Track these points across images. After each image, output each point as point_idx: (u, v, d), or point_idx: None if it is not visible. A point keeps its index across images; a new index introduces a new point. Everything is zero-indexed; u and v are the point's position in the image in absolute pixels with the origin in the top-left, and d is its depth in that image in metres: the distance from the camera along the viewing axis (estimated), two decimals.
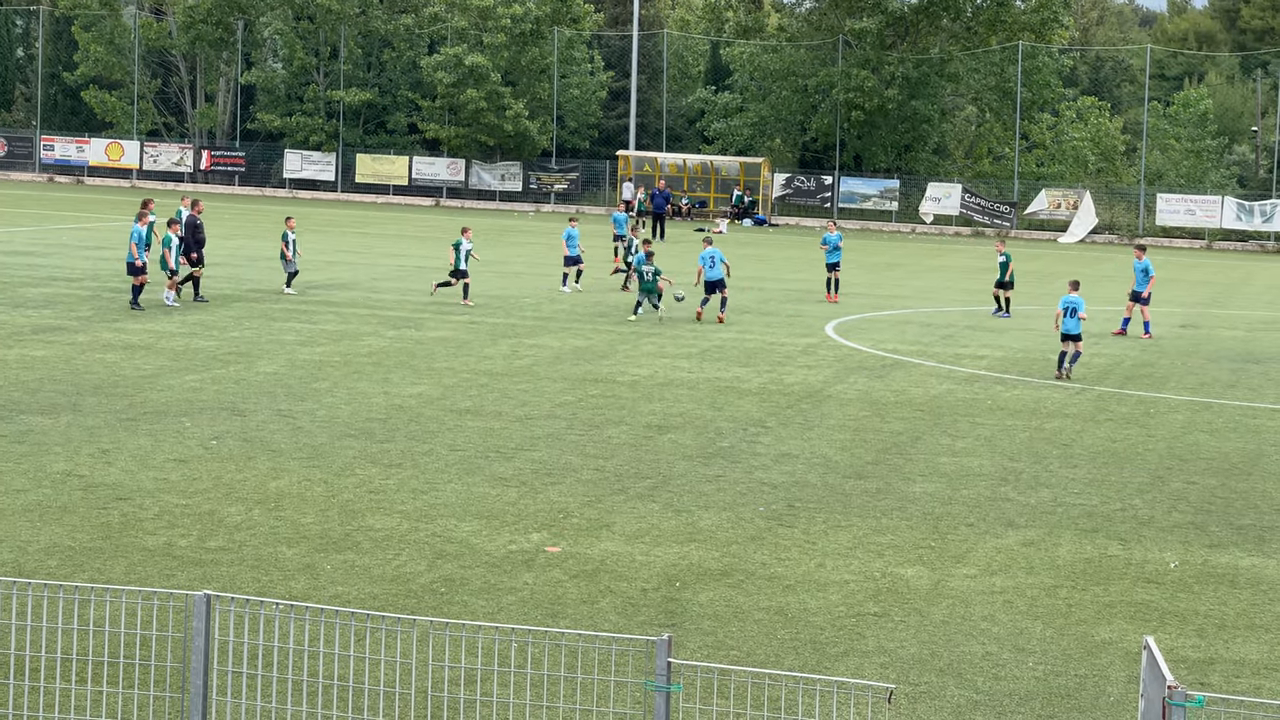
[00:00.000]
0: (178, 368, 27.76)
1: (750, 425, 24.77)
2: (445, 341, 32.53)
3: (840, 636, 14.59)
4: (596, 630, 14.24)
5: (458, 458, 21.38)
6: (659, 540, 17.61)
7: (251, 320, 34.50)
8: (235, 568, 15.82)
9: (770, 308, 41.83)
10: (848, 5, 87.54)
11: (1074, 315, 30.90)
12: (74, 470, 19.60)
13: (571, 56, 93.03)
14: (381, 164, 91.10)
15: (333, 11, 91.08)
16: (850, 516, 19.10)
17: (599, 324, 36.63)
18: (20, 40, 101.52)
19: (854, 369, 31.28)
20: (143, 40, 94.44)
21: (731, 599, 15.56)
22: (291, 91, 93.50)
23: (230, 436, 22.06)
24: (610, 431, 23.74)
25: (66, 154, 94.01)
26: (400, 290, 42.01)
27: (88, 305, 35.64)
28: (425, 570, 16.07)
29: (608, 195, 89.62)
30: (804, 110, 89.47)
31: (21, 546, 16.20)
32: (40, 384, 25.45)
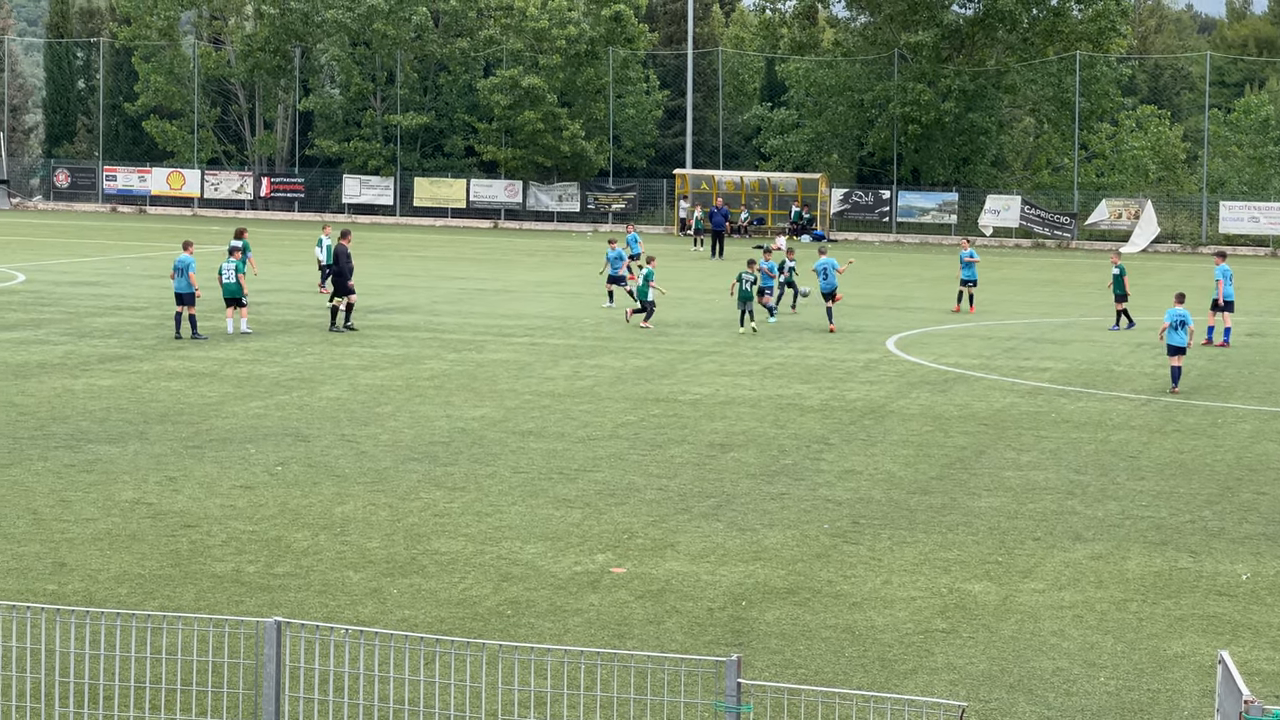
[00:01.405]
0: (242, 394, 27.93)
1: (813, 442, 24.71)
2: (506, 364, 32.61)
3: (908, 654, 14.52)
4: (664, 651, 14.23)
5: (521, 480, 21.42)
6: (724, 559, 17.58)
7: (313, 346, 34.68)
8: (303, 593, 15.88)
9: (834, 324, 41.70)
10: (903, 19, 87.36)
11: (1181, 328, 30.57)
12: (142, 498, 19.73)
13: (627, 76, 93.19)
14: (439, 187, 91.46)
15: (389, 37, 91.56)
16: (916, 532, 19.02)
17: (659, 343, 36.63)
18: (82, 72, 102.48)
19: (916, 384, 31.16)
20: (202, 70, 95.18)
21: (798, 617, 15.52)
22: (349, 117, 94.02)
23: (295, 462, 22.17)
24: (673, 451, 23.72)
25: (129, 184, 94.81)
26: (461, 313, 42.15)
27: (152, 334, 35.90)
28: (491, 593, 16.09)
29: (665, 214, 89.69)
30: (860, 125, 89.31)
31: (92, 575, 16.32)
32: (107, 413, 25.65)
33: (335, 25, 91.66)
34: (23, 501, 19.39)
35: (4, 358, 31.60)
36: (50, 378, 29.24)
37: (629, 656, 13.27)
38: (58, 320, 38.09)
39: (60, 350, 32.88)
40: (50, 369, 30.33)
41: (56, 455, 22.19)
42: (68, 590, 15.74)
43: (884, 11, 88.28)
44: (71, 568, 16.57)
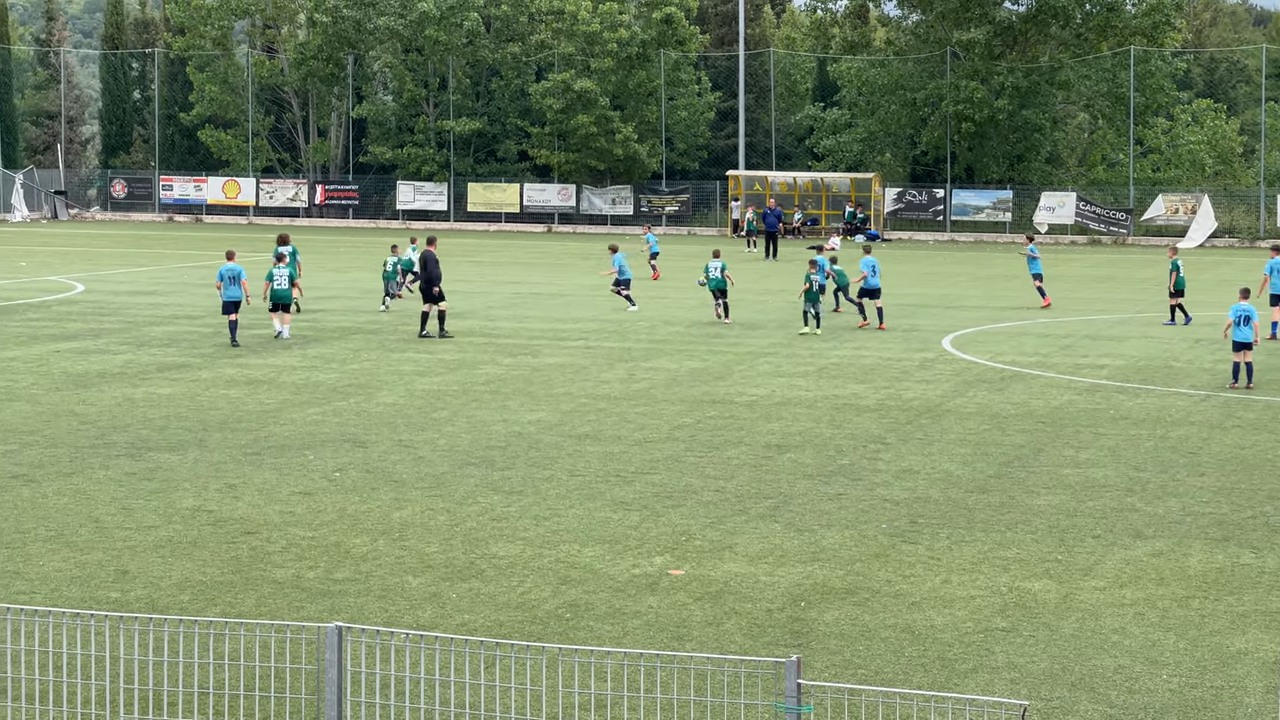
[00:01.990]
0: (299, 401, 28.07)
1: (870, 442, 24.66)
2: (562, 367, 32.66)
3: (969, 653, 14.48)
4: (723, 653, 14.23)
5: (578, 483, 21.45)
6: (782, 560, 17.57)
7: (369, 352, 34.83)
8: (363, 598, 15.95)
9: (886, 322, 41.59)
10: (955, 17, 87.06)
11: (1247, 324, 30.34)
12: (203, 505, 19.86)
13: (679, 79, 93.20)
14: (493, 192, 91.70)
15: (441, 43, 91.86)
16: (974, 531, 18.95)
17: (714, 345, 36.62)
18: (137, 83, 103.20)
19: (972, 382, 31.06)
20: (256, 78, 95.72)
21: (857, 617, 15.49)
22: (402, 123, 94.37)
23: (353, 468, 22.27)
24: (729, 452, 23.72)
25: (185, 193, 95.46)
26: (516, 318, 42.24)
27: (209, 342, 36.13)
28: (550, 596, 16.13)
29: (718, 216, 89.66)
30: (913, 124, 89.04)
31: (154, 582, 16.44)
32: (167, 421, 25.83)
33: (387, 32, 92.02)
34: (85, 510, 19.55)
35: (65, 367, 31.86)
36: (110, 387, 29.46)
37: (688, 658, 13.28)
38: (116, 330, 38.38)
39: (120, 359, 33.12)
40: (110, 378, 30.56)
41: (118, 463, 22.36)
42: (131, 597, 15.86)
43: (935, 9, 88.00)
44: (134, 575, 16.70)
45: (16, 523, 18.88)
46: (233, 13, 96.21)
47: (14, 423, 25.53)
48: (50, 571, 16.80)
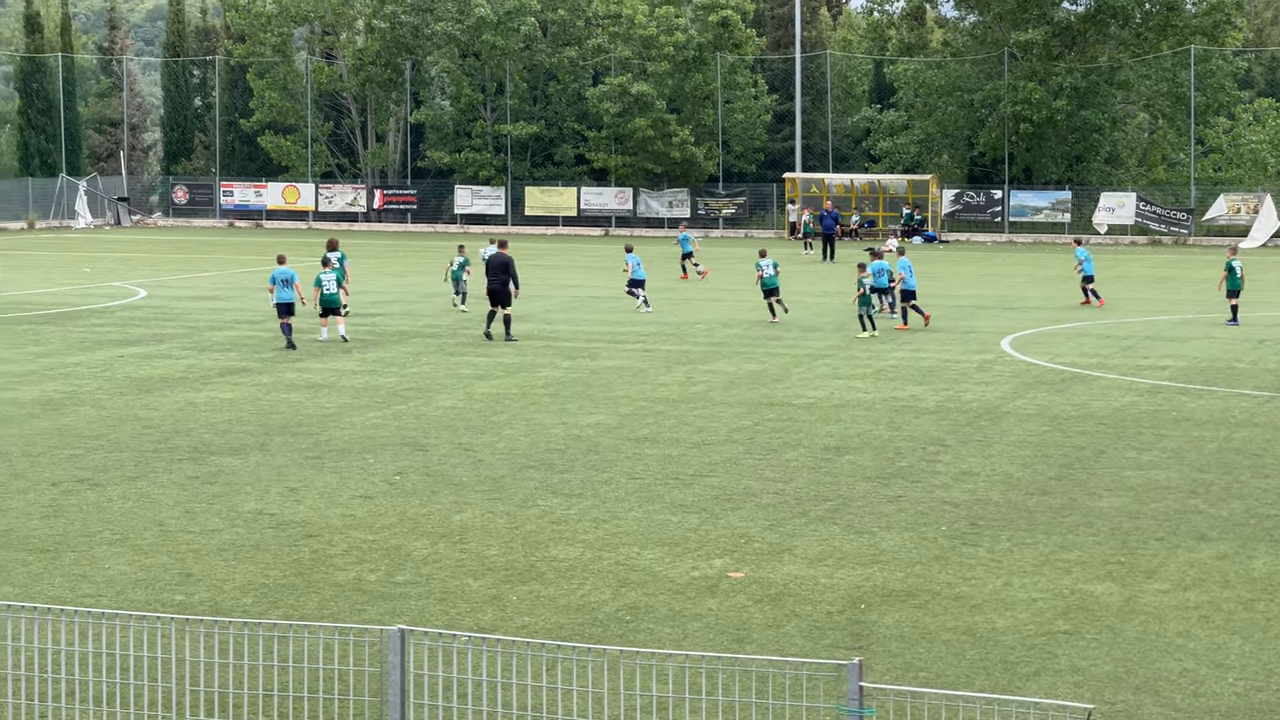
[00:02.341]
0: (359, 405, 28.20)
1: (929, 444, 24.60)
2: (620, 370, 32.70)
3: (1031, 656, 14.43)
4: (783, 655, 14.22)
5: (637, 486, 21.48)
6: (842, 562, 17.55)
7: (429, 356, 34.96)
8: (424, 601, 16.03)
9: (944, 324, 41.50)
10: (1012, 17, 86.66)
11: None
12: (265, 509, 19.99)
13: (735, 81, 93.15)
14: (550, 195, 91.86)
15: (498, 47, 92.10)
16: (1035, 533, 18.88)
17: (772, 348, 36.59)
18: (198, 90, 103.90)
19: (1032, 384, 30.92)
20: (315, 84, 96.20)
21: (918, 620, 15.46)
22: (460, 128, 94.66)
23: (413, 471, 22.37)
24: (788, 455, 23.70)
25: (245, 199, 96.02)
26: (574, 320, 42.32)
27: (270, 347, 36.34)
28: (610, 599, 16.16)
29: (775, 218, 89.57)
30: (971, 125, 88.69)
31: (218, 585, 16.56)
32: (229, 425, 26.00)
33: (445, 37, 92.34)
34: (149, 513, 19.71)
35: (128, 372, 32.11)
36: (173, 391, 29.68)
37: (749, 661, 13.28)
38: (179, 335, 38.66)
39: (182, 364, 33.36)
40: (173, 383, 30.79)
41: (181, 467, 22.53)
42: (195, 600, 15.99)
43: (993, 10, 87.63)
44: (198, 578, 16.82)
45: (83, 526, 19.05)
46: (292, 20, 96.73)
47: (79, 427, 25.77)
48: (116, 574, 16.95)
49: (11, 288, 50.38)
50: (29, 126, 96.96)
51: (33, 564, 17.34)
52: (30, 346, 36.16)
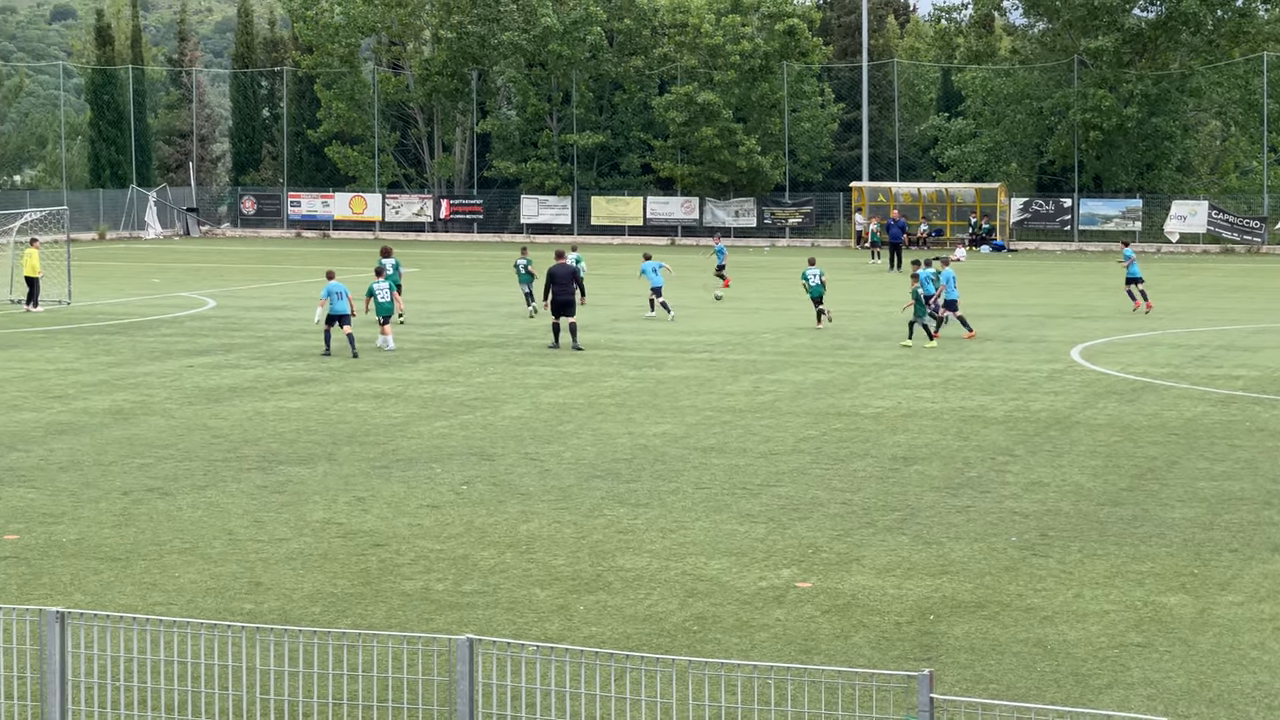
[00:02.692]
0: (426, 414, 28.28)
1: (998, 454, 24.44)
2: (687, 380, 32.67)
3: (1103, 668, 14.29)
4: (852, 666, 14.14)
5: (704, 495, 21.44)
6: (910, 573, 17.45)
7: (495, 365, 35.02)
8: (491, 610, 16.03)
9: (1013, 334, 41.27)
10: (1082, 25, 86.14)
11: None
12: (332, 518, 20.06)
13: (802, 90, 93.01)
14: (616, 205, 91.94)
15: (564, 57, 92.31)
16: (1107, 544, 18.72)
17: (839, 357, 36.48)
18: (266, 101, 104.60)
19: (1103, 394, 30.69)
20: (382, 95, 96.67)
21: (988, 631, 15.34)
22: (526, 138, 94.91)
23: (480, 481, 22.39)
24: (856, 464, 23.60)
25: (313, 209, 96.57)
26: (640, 330, 42.31)
27: (337, 357, 36.49)
28: (677, 609, 16.12)
29: (842, 227, 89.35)
30: (1040, 133, 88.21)
31: (287, 594, 16.62)
32: (297, 435, 26.12)
33: (511, 47, 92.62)
34: (219, 522, 19.81)
35: (197, 382, 32.32)
36: (241, 401, 29.85)
37: (817, 671, 13.21)
38: (247, 345, 38.89)
39: (250, 374, 33.55)
40: (241, 392, 30.96)
41: (249, 477, 22.65)
42: (264, 609, 16.05)
43: (1062, 17, 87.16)
44: (267, 587, 16.89)
45: (153, 535, 19.17)
46: (359, 30, 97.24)
47: (149, 436, 25.94)
48: (186, 583, 17.04)
49: (83, 298, 50.82)
50: (100, 138, 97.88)
51: (104, 572, 17.46)
52: (101, 356, 36.46)
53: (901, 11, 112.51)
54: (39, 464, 23.59)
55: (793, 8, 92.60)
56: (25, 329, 42.40)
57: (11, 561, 17.92)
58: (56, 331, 41.76)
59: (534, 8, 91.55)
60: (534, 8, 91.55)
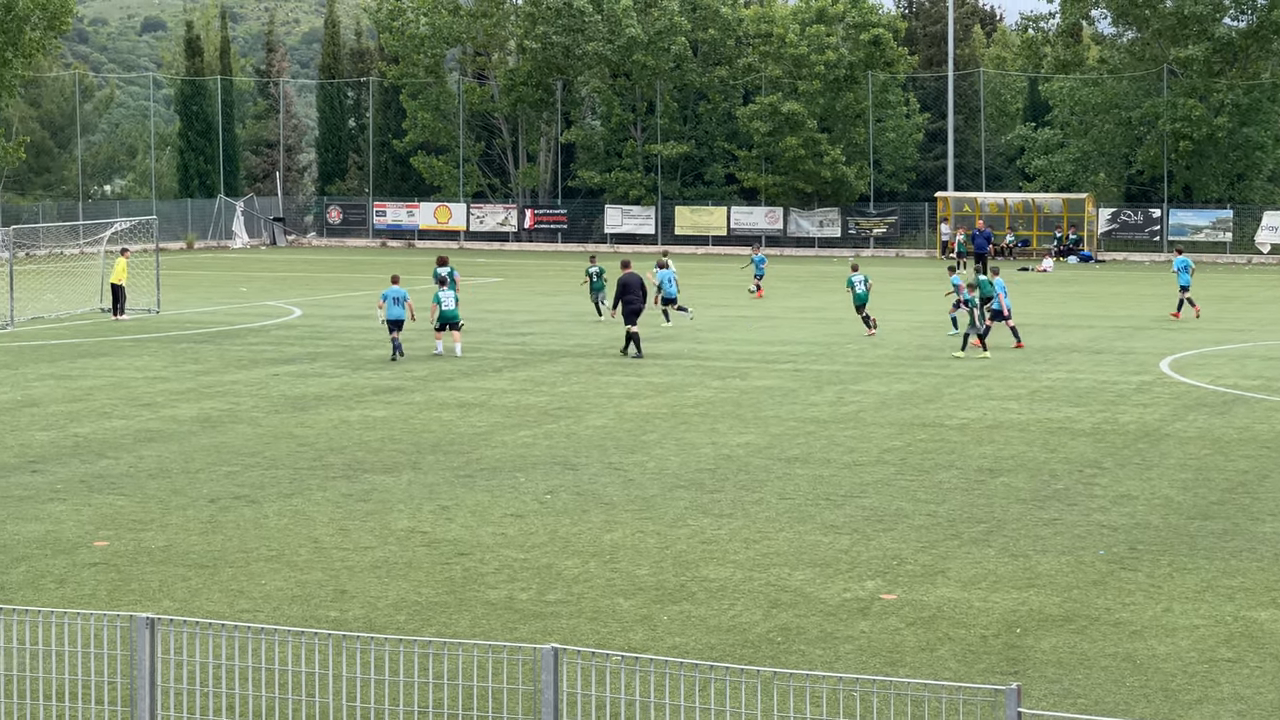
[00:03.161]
0: (510, 424, 28.35)
1: (1085, 466, 24.23)
2: (770, 390, 32.60)
3: (1193, 684, 14.13)
4: (937, 679, 14.05)
5: (788, 506, 21.38)
6: (996, 586, 17.32)
7: (579, 375, 35.08)
8: (575, 620, 16.04)
9: (1101, 345, 40.93)
10: (1171, 34, 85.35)
11: None
12: (417, 527, 20.14)
13: (886, 100, 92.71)
14: (700, 215, 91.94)
15: (648, 67, 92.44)
16: (1196, 558, 18.51)
17: (924, 368, 36.29)
18: (352, 111, 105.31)
19: (1193, 406, 30.38)
20: (467, 105, 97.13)
21: (1075, 645, 15.21)
22: (610, 147, 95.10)
23: (563, 490, 22.43)
24: (941, 476, 23.47)
25: (398, 219, 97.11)
26: (724, 340, 42.27)
27: (423, 365, 36.67)
28: (761, 620, 16.07)
29: (927, 237, 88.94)
30: (1128, 143, 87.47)
31: (371, 602, 16.70)
32: (381, 443, 26.26)
33: (596, 57, 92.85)
34: (304, 530, 19.94)
35: (283, 390, 32.56)
36: (327, 409, 30.04)
37: (902, 684, 13.13)
38: (333, 353, 39.14)
39: (336, 382, 33.77)
40: (327, 401, 31.16)
41: (335, 485, 22.78)
42: (349, 616, 16.13)
43: (1151, 27, 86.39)
44: (352, 594, 16.98)
45: (240, 542, 19.32)
46: (445, 41, 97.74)
47: (237, 444, 26.15)
48: (272, 590, 17.16)
49: (172, 307, 51.32)
50: (189, 148, 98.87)
51: (192, 579, 17.61)
52: (189, 365, 36.80)
53: (988, 21, 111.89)
54: (128, 471, 23.83)
55: (878, 18, 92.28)
56: (115, 337, 42.87)
57: (101, 568, 18.11)
58: (145, 340, 42.20)
59: (619, 18, 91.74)
60: (619, 18, 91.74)
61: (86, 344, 41.20)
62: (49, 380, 34.08)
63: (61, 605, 16.36)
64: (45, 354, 38.91)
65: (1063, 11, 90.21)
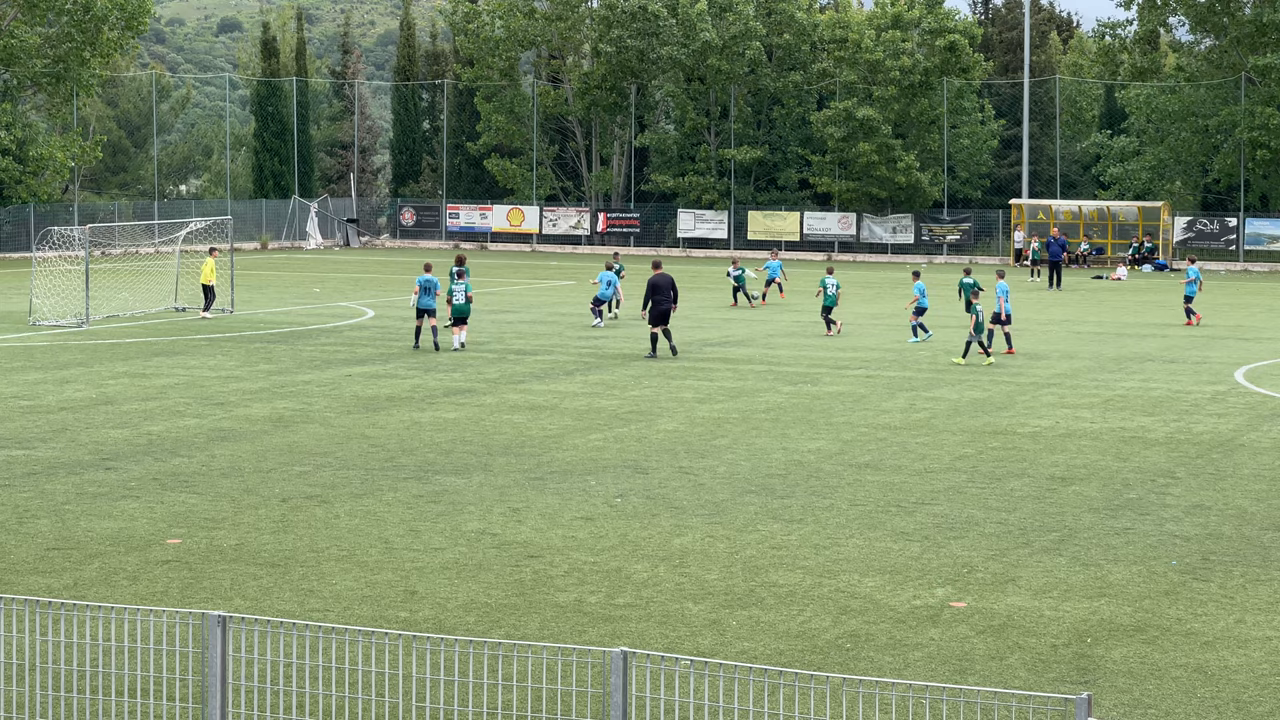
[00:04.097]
0: (581, 427, 28.41)
1: (1158, 476, 24.06)
2: (842, 396, 32.53)
3: (1265, 695, 14.01)
4: (1007, 687, 14.00)
5: (858, 512, 21.33)
6: (1067, 595, 17.23)
7: (650, 379, 35.10)
8: (644, 624, 16.06)
9: (1175, 354, 40.63)
10: (1250, 41, 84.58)
11: None
12: (487, 529, 20.22)
13: (961, 106, 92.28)
14: (773, 220, 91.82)
15: (723, 72, 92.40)
16: (1270, 570, 18.35)
17: (996, 375, 36.12)
18: (426, 113, 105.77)
19: (1268, 416, 30.10)
20: (541, 108, 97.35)
21: (1147, 655, 15.11)
22: (683, 152, 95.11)
23: (634, 494, 22.45)
24: (1012, 484, 23.36)
25: (471, 221, 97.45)
26: (796, 346, 42.20)
27: (494, 368, 36.80)
28: (830, 626, 16.05)
29: (1000, 245, 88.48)
30: (1205, 151, 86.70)
31: (441, 603, 16.78)
32: (453, 445, 26.37)
33: (670, 62, 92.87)
34: (375, 531, 20.05)
35: (356, 391, 32.74)
36: (399, 410, 30.19)
37: (972, 693, 13.09)
38: (404, 355, 39.33)
39: (408, 384, 33.93)
40: (399, 402, 31.32)
41: (406, 486, 22.90)
42: (419, 617, 16.21)
43: (1230, 34, 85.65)
44: (422, 595, 17.06)
45: (311, 541, 19.45)
46: (520, 44, 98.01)
47: (309, 444, 26.32)
48: (343, 590, 17.26)
49: (245, 307, 51.71)
50: (264, 149, 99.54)
51: (263, 578, 17.74)
52: (262, 364, 37.07)
53: (1064, 27, 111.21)
54: (201, 470, 24.04)
55: (954, 23, 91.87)
56: (190, 336, 43.23)
57: (174, 566, 18.27)
58: (219, 339, 42.54)
59: (693, 22, 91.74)
60: (693, 22, 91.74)
61: (161, 343, 41.57)
62: (123, 378, 34.40)
63: (134, 602, 16.52)
64: (120, 352, 39.29)
65: (1140, 18, 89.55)
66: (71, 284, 49.86)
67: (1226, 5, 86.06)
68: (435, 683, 12.64)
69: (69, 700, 12.81)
